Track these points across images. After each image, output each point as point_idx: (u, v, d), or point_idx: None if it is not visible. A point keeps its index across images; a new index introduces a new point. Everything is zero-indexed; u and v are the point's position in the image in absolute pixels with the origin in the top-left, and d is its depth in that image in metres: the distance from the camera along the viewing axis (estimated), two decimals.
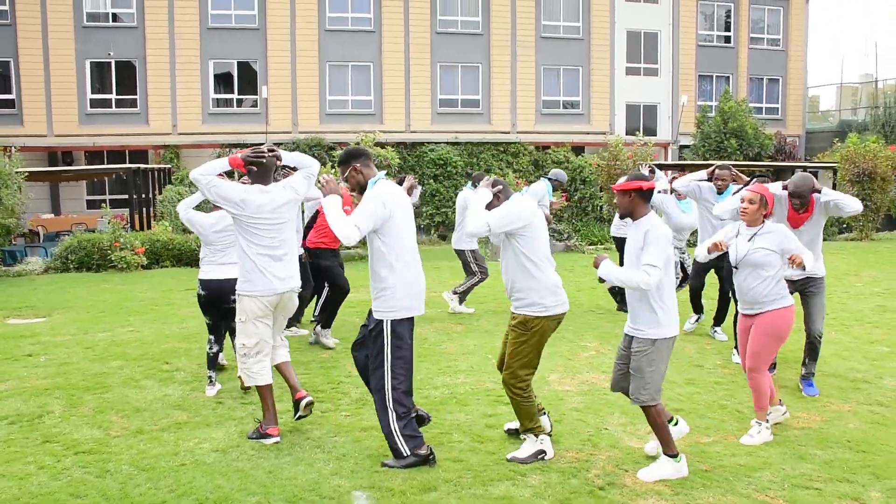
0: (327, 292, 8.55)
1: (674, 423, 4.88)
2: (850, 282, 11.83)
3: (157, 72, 25.95)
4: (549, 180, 9.96)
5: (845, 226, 19.54)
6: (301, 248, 8.23)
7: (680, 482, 4.41)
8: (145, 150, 25.97)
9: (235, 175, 5.56)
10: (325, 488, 4.35)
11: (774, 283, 5.13)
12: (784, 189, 6.06)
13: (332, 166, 14.81)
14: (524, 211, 4.71)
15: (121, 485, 4.42)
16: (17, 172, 15.00)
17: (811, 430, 5.29)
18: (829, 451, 4.89)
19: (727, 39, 31.86)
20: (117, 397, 6.13)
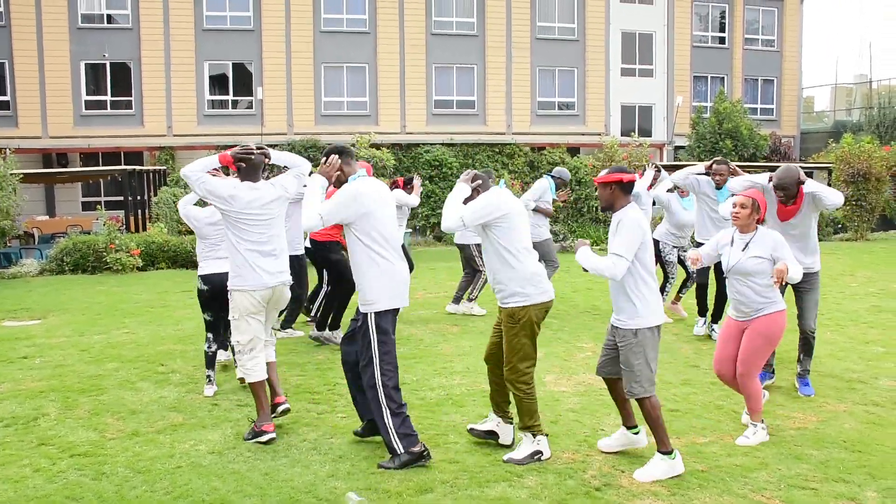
0: (327, 289, 8.49)
1: (635, 432, 4.88)
2: (846, 282, 11.86)
3: (152, 73, 25.91)
4: (552, 177, 9.95)
5: (840, 226, 19.60)
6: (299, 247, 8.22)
7: (676, 483, 4.42)
8: (140, 151, 25.91)
9: (230, 173, 5.61)
10: (322, 490, 4.34)
11: (769, 290, 5.06)
12: (770, 182, 6.04)
13: None
14: (501, 201, 4.73)
15: (117, 487, 4.40)
16: (11, 174, 14.97)
17: (807, 431, 5.30)
18: (825, 452, 4.90)
19: (722, 40, 31.92)
20: (113, 399, 6.12)
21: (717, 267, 8.03)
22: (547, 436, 4.85)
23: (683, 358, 7.39)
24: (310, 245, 8.19)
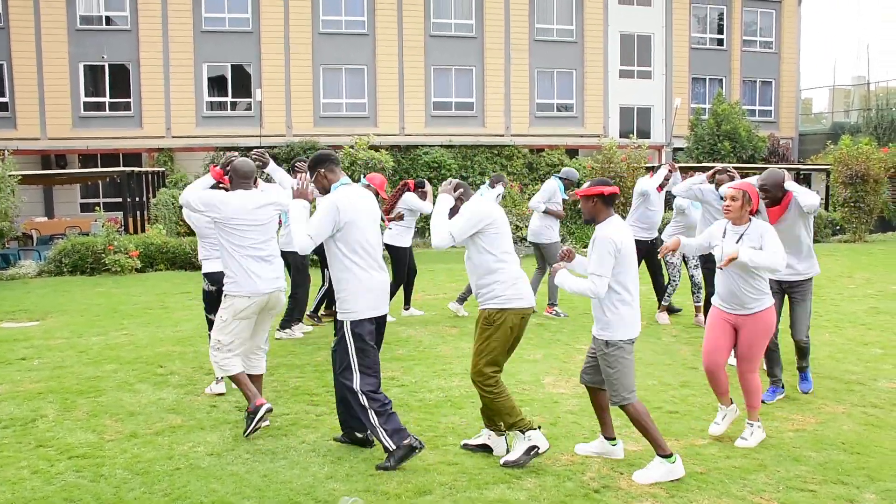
0: (326, 287, 8.50)
1: (613, 443, 4.86)
2: (844, 283, 11.87)
3: (151, 75, 25.92)
4: (560, 178, 9.89)
5: (839, 228, 19.61)
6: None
7: (675, 485, 4.42)
8: (139, 153, 25.92)
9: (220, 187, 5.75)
10: (320, 492, 4.34)
11: (761, 282, 5.04)
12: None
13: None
14: (486, 209, 4.74)
15: (115, 489, 4.40)
16: (10, 176, 14.95)
17: (806, 433, 5.30)
18: (824, 453, 4.91)
19: (720, 42, 31.97)
20: (111, 401, 6.11)
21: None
22: (539, 428, 4.76)
23: (682, 360, 7.39)
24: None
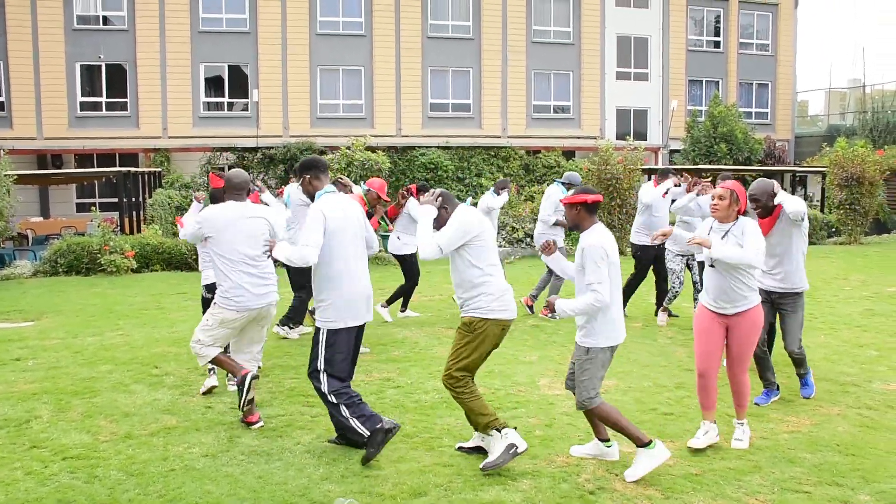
0: None
1: (608, 445, 4.86)
2: (839, 285, 11.89)
3: (148, 75, 25.90)
4: (562, 183, 9.78)
5: (834, 230, 19.65)
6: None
7: (670, 486, 4.42)
8: (135, 153, 25.89)
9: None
10: (316, 493, 4.34)
11: (750, 279, 5.00)
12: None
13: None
14: (474, 221, 4.72)
15: (109, 490, 4.39)
16: (5, 175, 14.92)
17: (801, 434, 5.31)
18: (819, 455, 4.91)
19: (717, 44, 32.03)
20: (106, 402, 6.10)
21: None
22: (515, 428, 4.74)
23: (678, 361, 7.39)
24: None
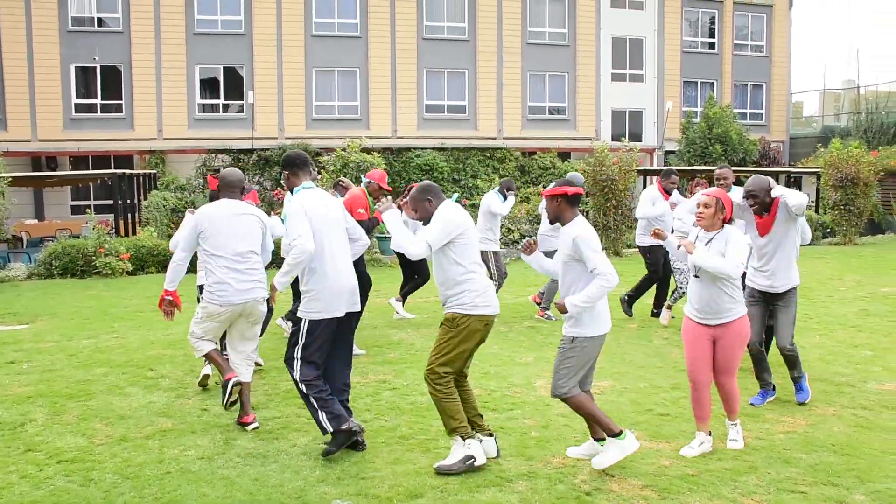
0: None
1: (602, 444, 4.82)
2: (834, 286, 11.92)
3: (143, 77, 25.86)
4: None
5: (829, 230, 19.70)
6: None
7: (666, 487, 4.42)
8: (130, 155, 25.85)
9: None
10: (312, 495, 4.33)
11: (736, 290, 4.93)
12: (743, 198, 5.88)
13: (318, 172, 14.82)
14: (460, 218, 4.73)
15: (105, 493, 4.38)
16: (0, 177, 14.88)
17: (796, 434, 5.32)
18: (814, 455, 4.92)
19: (711, 46, 32.11)
20: (101, 405, 6.08)
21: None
22: (480, 441, 4.74)
23: (673, 363, 7.40)
24: None
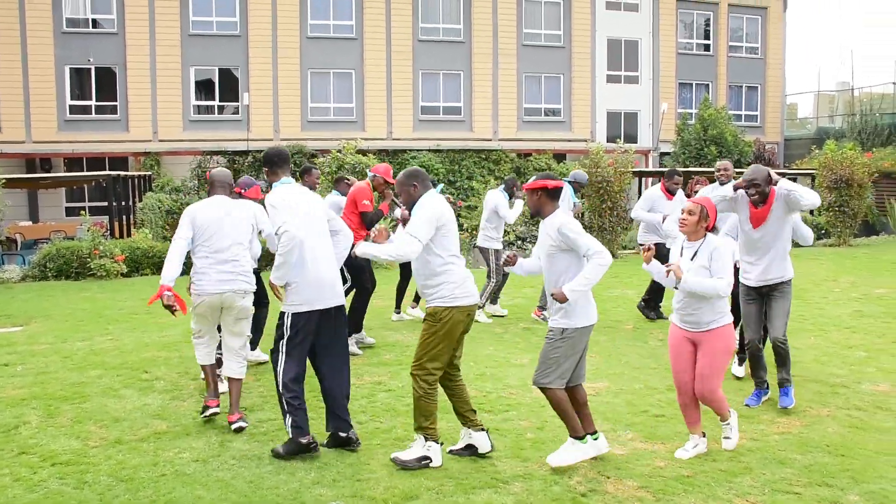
0: (353, 296, 8.47)
1: (595, 437, 4.86)
2: (829, 287, 11.94)
3: (138, 78, 25.82)
4: (570, 183, 9.72)
5: (823, 232, 19.75)
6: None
7: (661, 488, 4.43)
8: (125, 157, 25.81)
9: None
10: (307, 497, 4.33)
11: (720, 302, 4.83)
12: (737, 189, 5.83)
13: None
14: (440, 208, 4.73)
15: (99, 496, 4.37)
16: None
17: (791, 435, 5.33)
18: (809, 456, 4.93)
19: (706, 47, 32.19)
20: (96, 407, 6.06)
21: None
22: (441, 444, 4.78)
23: (667, 364, 7.35)
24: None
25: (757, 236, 5.82)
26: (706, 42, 32.13)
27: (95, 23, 26.00)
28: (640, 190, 26.81)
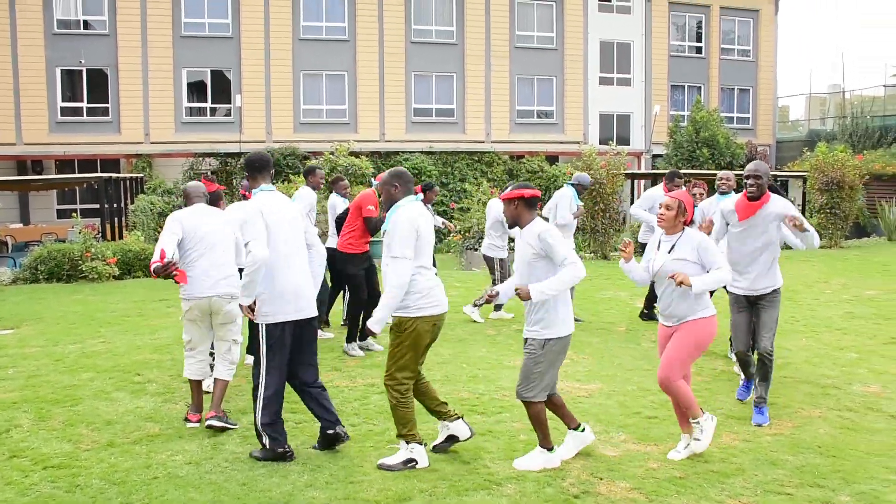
0: (348, 300, 8.57)
1: (581, 430, 4.93)
2: (820, 289, 12.00)
3: (130, 80, 25.73)
4: (573, 185, 9.69)
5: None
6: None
7: (654, 489, 4.44)
8: (117, 158, 25.71)
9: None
10: (300, 500, 4.32)
11: (693, 296, 4.83)
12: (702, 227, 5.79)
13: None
14: (417, 219, 4.71)
15: (91, 499, 4.35)
16: None
17: (783, 436, 5.36)
18: (801, 457, 4.95)
19: (699, 50, 32.29)
20: (88, 410, 6.04)
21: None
22: (424, 445, 4.82)
23: None
24: (334, 252, 8.14)
25: (738, 230, 5.73)
26: (698, 44, 32.24)
27: (87, 24, 25.91)
28: (632, 192, 26.90)
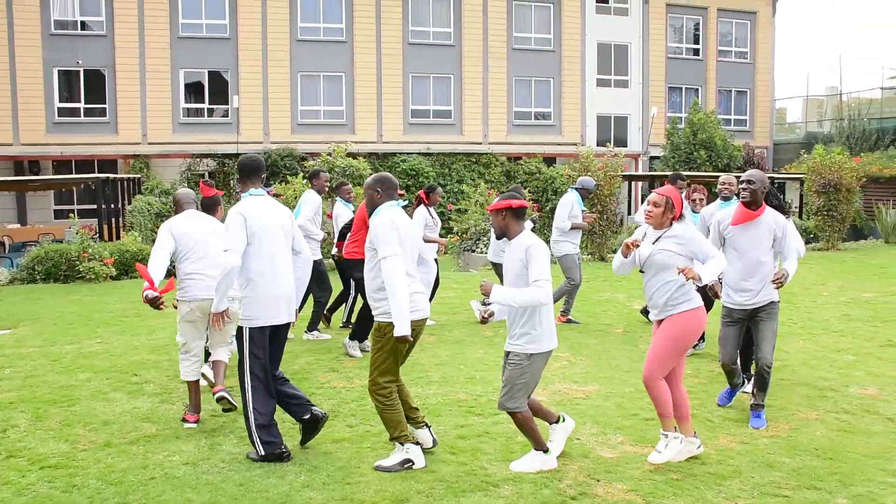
0: (351, 301, 8.69)
1: (562, 422, 4.99)
2: (817, 291, 12.01)
3: (127, 81, 25.71)
4: (577, 190, 9.63)
5: (812, 236, 19.87)
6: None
7: (651, 491, 4.44)
8: (114, 159, 25.69)
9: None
10: (297, 500, 4.32)
11: (677, 287, 4.81)
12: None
13: (304, 177, 14.77)
14: (398, 224, 4.72)
15: (88, 499, 4.35)
16: None
17: (779, 439, 5.36)
18: (798, 459, 4.96)
19: (696, 52, 32.34)
20: (85, 410, 6.04)
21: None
22: (418, 444, 4.86)
23: None
24: (342, 259, 8.31)
25: (730, 234, 5.67)
26: (696, 46, 32.29)
27: (84, 25, 25.88)
28: (629, 194, 26.92)
